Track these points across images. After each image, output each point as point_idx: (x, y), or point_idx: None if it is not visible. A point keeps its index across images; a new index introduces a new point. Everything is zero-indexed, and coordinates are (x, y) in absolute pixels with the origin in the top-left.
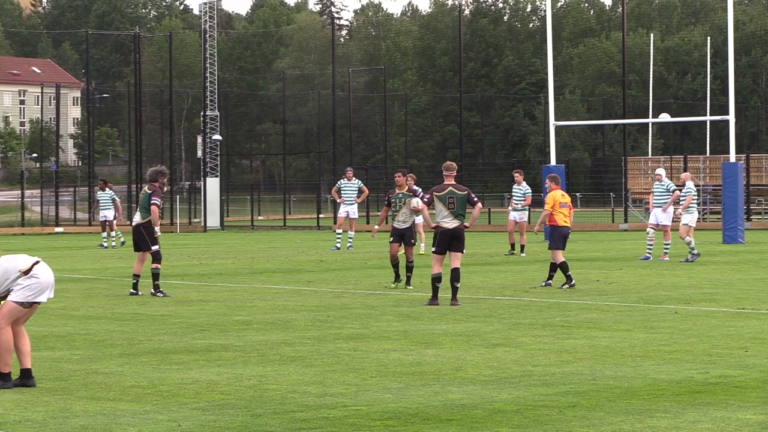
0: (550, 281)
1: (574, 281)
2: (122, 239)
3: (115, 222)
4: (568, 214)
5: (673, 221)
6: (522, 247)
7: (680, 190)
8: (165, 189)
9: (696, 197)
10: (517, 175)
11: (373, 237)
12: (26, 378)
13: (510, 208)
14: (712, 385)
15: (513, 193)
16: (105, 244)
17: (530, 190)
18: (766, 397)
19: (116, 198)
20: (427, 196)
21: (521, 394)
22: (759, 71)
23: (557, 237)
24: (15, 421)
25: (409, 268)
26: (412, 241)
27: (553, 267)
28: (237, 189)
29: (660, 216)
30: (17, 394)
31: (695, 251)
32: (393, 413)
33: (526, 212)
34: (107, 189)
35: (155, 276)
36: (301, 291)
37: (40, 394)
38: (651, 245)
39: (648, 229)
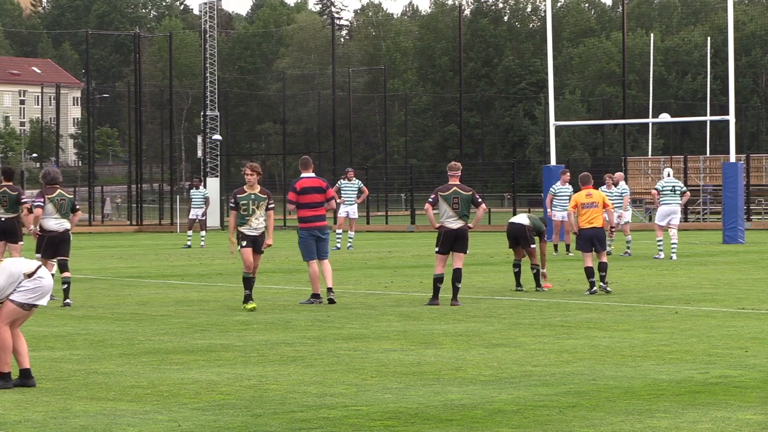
0: (602, 284)
1: (603, 285)
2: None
3: (205, 220)
4: (596, 214)
5: (625, 222)
6: (567, 246)
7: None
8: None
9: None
10: (565, 175)
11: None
12: (26, 378)
13: (551, 210)
14: (712, 385)
15: (558, 192)
16: (189, 243)
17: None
18: (766, 397)
19: (208, 196)
20: (432, 196)
21: (521, 394)
22: (759, 71)
23: (580, 240)
24: (15, 421)
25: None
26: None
27: (601, 267)
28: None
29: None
30: (17, 394)
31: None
32: (393, 413)
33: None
34: (201, 187)
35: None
36: (301, 291)
37: (40, 394)
38: (661, 242)
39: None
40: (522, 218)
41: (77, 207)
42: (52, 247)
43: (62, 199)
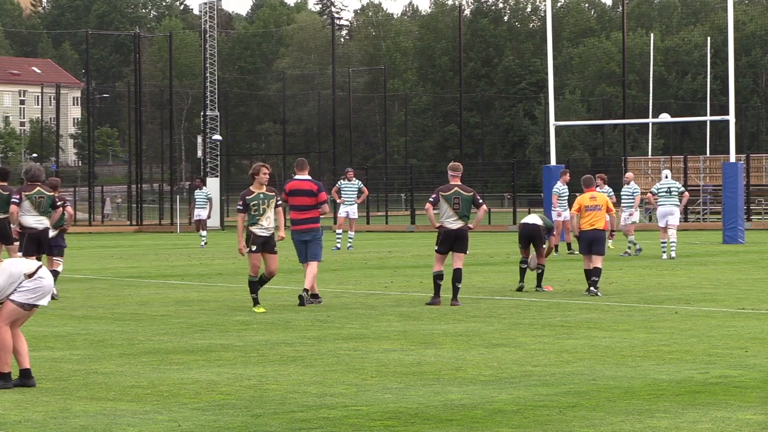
0: (592, 288)
1: (593, 290)
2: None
3: (208, 221)
4: (598, 217)
5: (630, 221)
6: (568, 245)
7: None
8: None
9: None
10: (565, 175)
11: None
12: (26, 378)
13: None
14: (712, 385)
15: (562, 193)
16: (204, 242)
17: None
18: (766, 397)
19: (211, 197)
20: (433, 196)
21: (521, 394)
22: (759, 71)
23: (581, 242)
24: (15, 421)
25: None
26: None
27: (595, 272)
28: (237, 189)
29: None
30: (17, 394)
31: (637, 247)
32: (393, 413)
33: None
34: (204, 188)
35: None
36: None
37: (40, 394)
38: (665, 244)
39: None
40: (534, 218)
41: (58, 204)
42: (33, 244)
43: (41, 196)
